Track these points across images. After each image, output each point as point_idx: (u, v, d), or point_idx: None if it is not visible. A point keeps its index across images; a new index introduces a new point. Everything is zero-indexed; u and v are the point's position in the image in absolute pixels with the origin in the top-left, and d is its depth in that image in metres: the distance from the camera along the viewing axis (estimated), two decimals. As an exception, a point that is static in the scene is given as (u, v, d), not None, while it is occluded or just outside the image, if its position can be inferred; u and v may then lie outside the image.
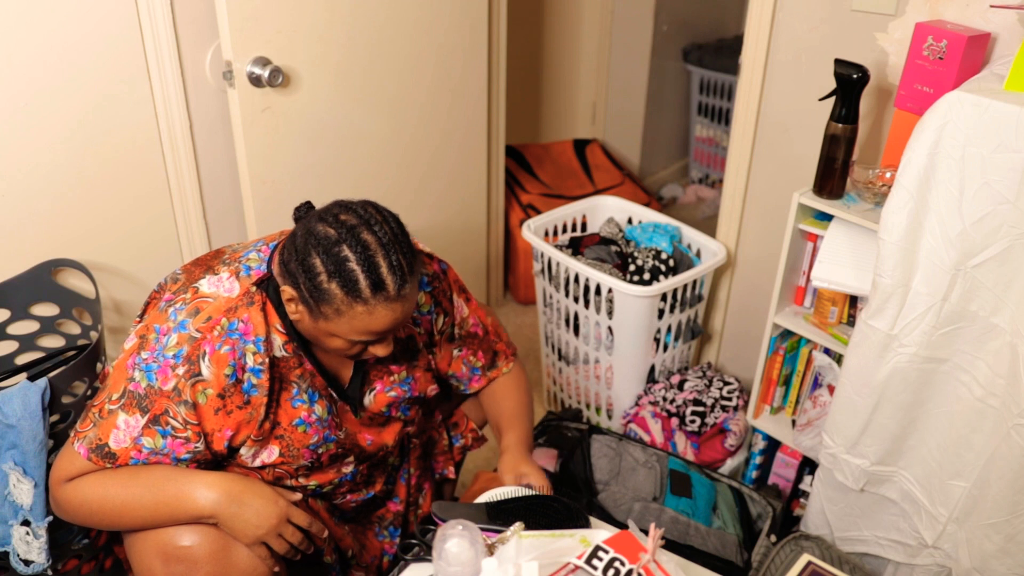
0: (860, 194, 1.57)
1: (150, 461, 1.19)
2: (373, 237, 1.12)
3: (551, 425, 1.83)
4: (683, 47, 3.49)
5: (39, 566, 1.38)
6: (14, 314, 1.63)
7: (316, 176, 1.95)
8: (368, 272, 1.10)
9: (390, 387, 1.38)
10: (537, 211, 2.70)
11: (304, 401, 1.27)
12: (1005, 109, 1.15)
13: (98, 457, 1.18)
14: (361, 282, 1.10)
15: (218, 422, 1.19)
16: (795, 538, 1.40)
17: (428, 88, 2.15)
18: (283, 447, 1.27)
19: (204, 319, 1.18)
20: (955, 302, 1.29)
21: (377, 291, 1.11)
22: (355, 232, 1.12)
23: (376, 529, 1.55)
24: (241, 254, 1.26)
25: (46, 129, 1.57)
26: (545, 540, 1.14)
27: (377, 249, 1.11)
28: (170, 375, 1.16)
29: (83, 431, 1.20)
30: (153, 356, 1.17)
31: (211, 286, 1.21)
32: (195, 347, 1.16)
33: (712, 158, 3.64)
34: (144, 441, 1.17)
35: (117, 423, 1.17)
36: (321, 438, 1.29)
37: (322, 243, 1.11)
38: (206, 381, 1.17)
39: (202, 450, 1.20)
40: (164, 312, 1.20)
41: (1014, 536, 1.31)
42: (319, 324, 1.16)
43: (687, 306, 2.05)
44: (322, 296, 1.12)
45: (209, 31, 1.71)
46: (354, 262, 1.10)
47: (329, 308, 1.12)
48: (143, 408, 1.17)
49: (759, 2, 1.80)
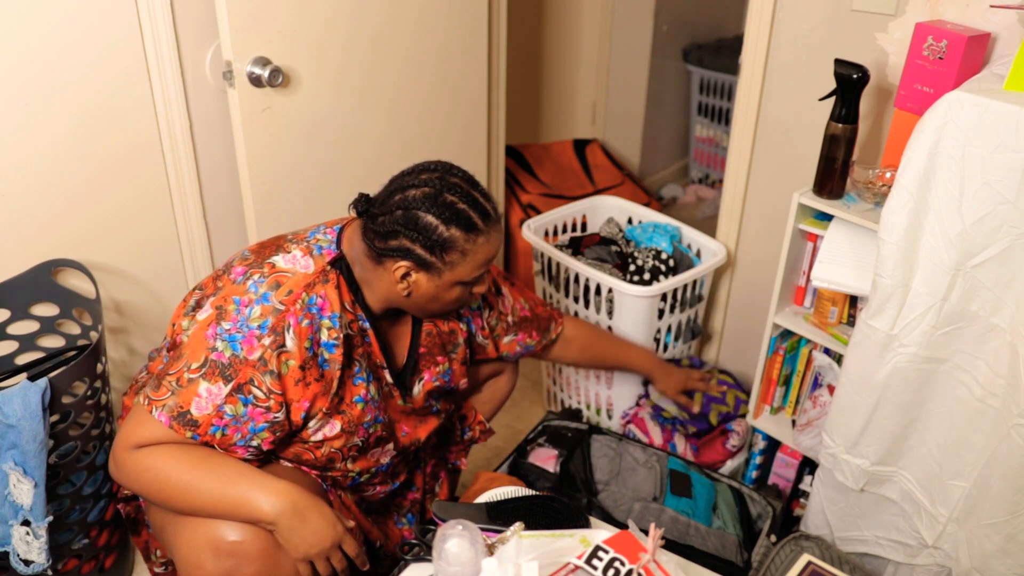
0: (860, 194, 1.57)
1: (228, 428, 1.20)
2: (457, 180, 1.25)
3: (551, 425, 1.83)
4: (683, 47, 3.49)
5: (39, 566, 1.38)
6: (14, 314, 1.63)
7: (316, 176, 1.95)
8: (475, 207, 1.23)
9: (435, 377, 1.45)
10: (537, 211, 2.70)
11: (363, 379, 1.31)
12: (1005, 109, 1.15)
13: (180, 424, 1.19)
14: (474, 216, 1.23)
15: (298, 393, 1.22)
16: (795, 538, 1.40)
17: (428, 88, 2.15)
18: (344, 422, 1.30)
19: (286, 292, 1.22)
20: (955, 302, 1.29)
21: (485, 219, 1.25)
22: (445, 180, 1.23)
23: (395, 517, 1.58)
24: (306, 235, 1.31)
25: (46, 129, 1.57)
26: (545, 540, 1.14)
27: (467, 188, 1.25)
28: (255, 345, 1.18)
29: (160, 399, 1.19)
30: (236, 326, 1.19)
31: (287, 263, 1.25)
32: (280, 319, 1.20)
33: (712, 158, 3.64)
34: (227, 408, 1.19)
35: (199, 391, 1.18)
36: (373, 417, 1.34)
37: (426, 202, 1.21)
38: (290, 352, 1.20)
39: (281, 420, 1.22)
40: (242, 284, 1.23)
41: (1014, 536, 1.31)
42: (443, 277, 1.26)
43: (687, 306, 2.05)
44: (446, 244, 1.22)
45: (209, 31, 1.71)
46: (461, 203, 1.22)
47: (455, 253, 1.23)
48: (227, 377, 1.18)
49: (759, 2, 1.80)
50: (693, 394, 1.93)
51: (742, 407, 1.95)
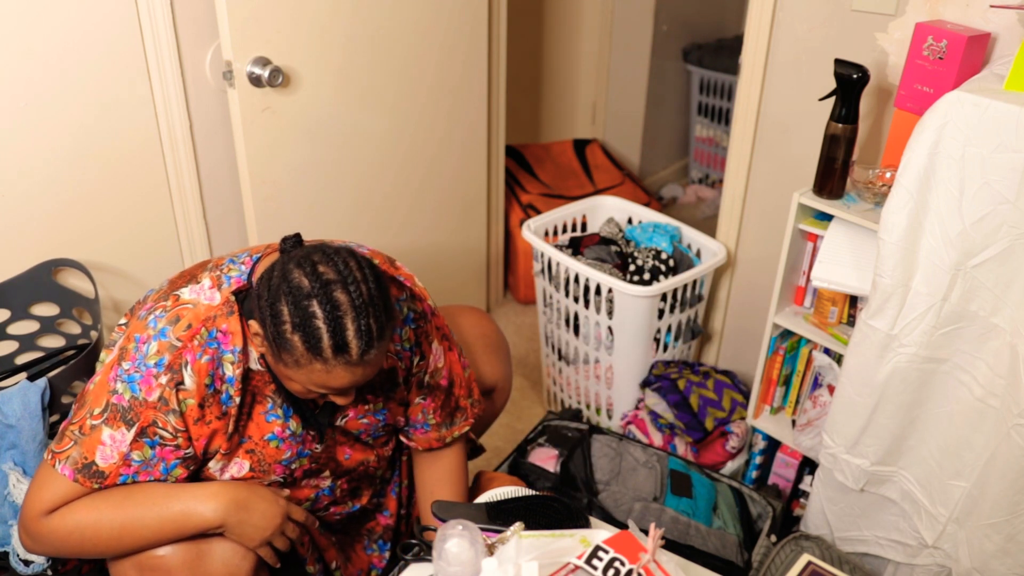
0: (860, 194, 1.57)
1: (140, 474, 1.16)
2: (346, 297, 1.07)
3: (551, 425, 1.83)
4: (683, 47, 3.49)
5: (39, 566, 1.37)
6: (14, 314, 1.63)
7: (316, 176, 1.95)
8: (333, 333, 1.06)
9: (363, 415, 1.35)
10: (537, 211, 2.70)
11: (278, 416, 1.24)
12: (1005, 109, 1.15)
13: (85, 477, 1.14)
14: (324, 341, 1.06)
15: (196, 431, 1.18)
16: (795, 538, 1.40)
17: (428, 88, 2.15)
18: (254, 462, 1.25)
19: (184, 327, 1.15)
20: (955, 302, 1.29)
21: (338, 353, 1.07)
22: (328, 289, 1.07)
23: (365, 542, 1.53)
24: (224, 261, 1.24)
25: (46, 129, 1.57)
26: (545, 540, 1.14)
27: (348, 311, 1.07)
28: (153, 384, 1.13)
29: (62, 451, 1.14)
30: (135, 366, 1.14)
31: (192, 293, 1.19)
32: (176, 356, 1.14)
33: (712, 158, 3.64)
34: (133, 455, 1.15)
35: (102, 438, 1.14)
36: (295, 453, 1.27)
37: (293, 292, 1.07)
38: (188, 391, 1.15)
39: (192, 454, 1.19)
40: (144, 320, 1.18)
41: (1014, 536, 1.31)
42: (279, 367, 1.13)
43: (687, 306, 2.05)
44: (284, 344, 1.08)
45: (209, 31, 1.71)
46: (321, 320, 1.06)
47: (289, 357, 1.09)
48: (128, 421, 1.14)
49: (759, 2, 1.80)
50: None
51: (739, 409, 1.95)
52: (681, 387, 1.96)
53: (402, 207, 2.23)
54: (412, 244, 2.30)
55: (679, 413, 1.93)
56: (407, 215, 2.26)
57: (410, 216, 2.27)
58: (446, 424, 1.44)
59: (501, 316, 2.81)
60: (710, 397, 1.96)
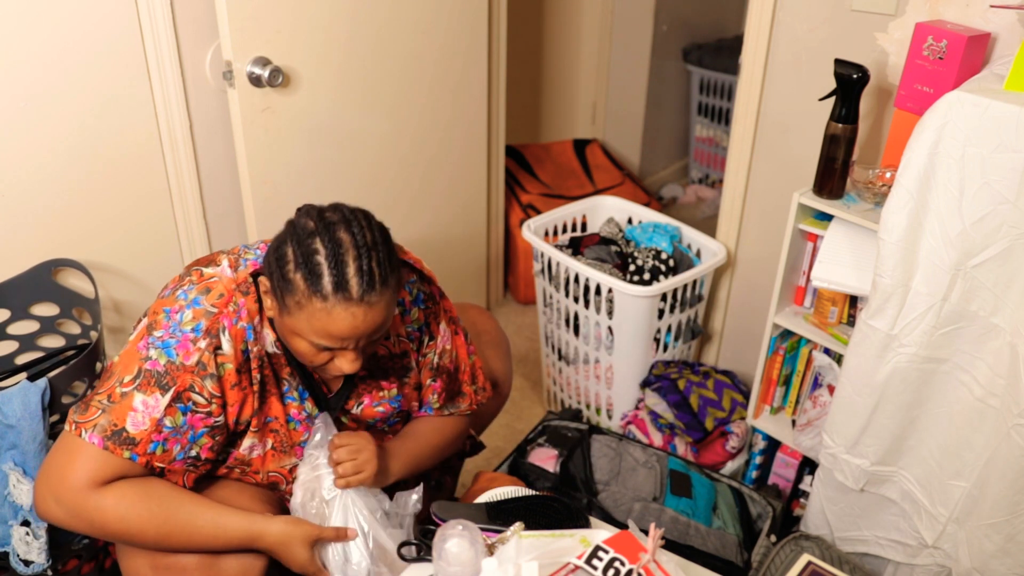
0: (860, 194, 1.57)
1: (168, 442, 1.15)
2: (349, 236, 1.09)
3: (551, 425, 1.83)
4: (683, 47, 3.49)
5: (39, 566, 1.38)
6: (14, 314, 1.63)
7: (316, 176, 1.95)
8: (333, 269, 1.07)
9: (379, 402, 1.35)
10: (537, 211, 2.70)
11: (294, 399, 1.26)
12: (1005, 109, 1.15)
13: (115, 444, 1.12)
14: (324, 277, 1.07)
15: (232, 397, 1.18)
16: (795, 538, 1.40)
17: (428, 88, 2.15)
18: (276, 441, 1.27)
19: (217, 295, 1.17)
20: (955, 302, 1.29)
21: (338, 290, 1.07)
22: (332, 228, 1.09)
23: None
24: (238, 249, 1.26)
25: (46, 129, 1.57)
26: (545, 540, 1.14)
27: (349, 248, 1.08)
28: (191, 349, 1.13)
29: (88, 420, 1.12)
30: (169, 332, 1.14)
31: (213, 271, 1.20)
32: (214, 320, 1.15)
33: (712, 158, 3.64)
34: (166, 420, 1.13)
35: (134, 404, 1.12)
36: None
37: (299, 233, 1.10)
38: (226, 355, 1.15)
39: (221, 424, 1.18)
40: (171, 296, 1.18)
41: (1014, 536, 1.31)
42: (284, 320, 1.13)
43: (687, 306, 2.05)
44: (287, 285, 1.09)
45: (209, 31, 1.71)
46: (322, 255, 1.07)
47: (292, 299, 1.09)
48: (163, 386, 1.13)
49: (759, 2, 1.80)
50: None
51: (739, 409, 1.95)
52: (681, 387, 1.96)
53: (402, 206, 2.23)
54: (412, 243, 2.29)
55: (679, 413, 1.93)
56: (407, 214, 2.26)
57: (410, 215, 2.27)
58: (447, 407, 1.46)
59: (501, 316, 2.81)
60: (710, 397, 1.96)
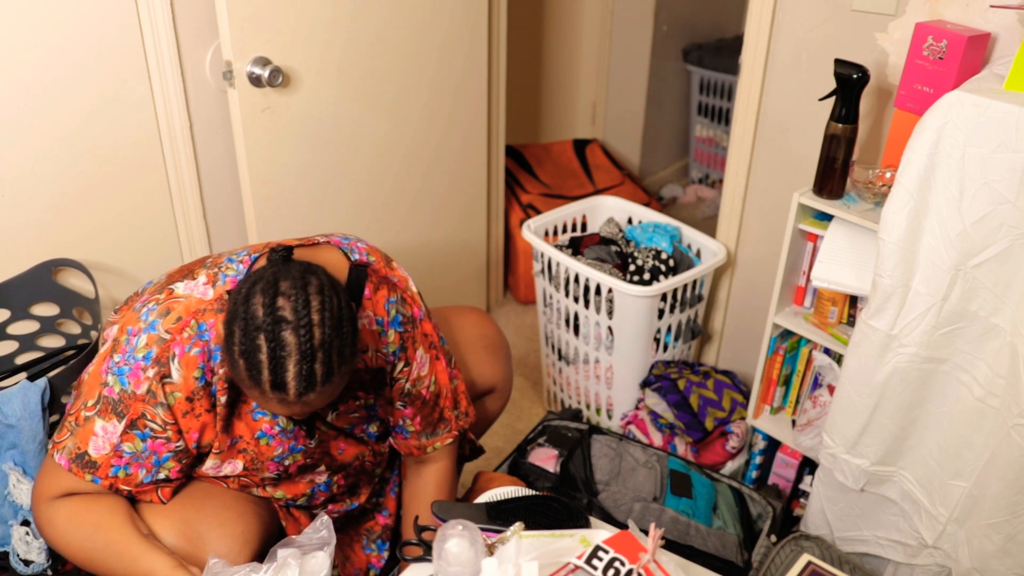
0: (860, 194, 1.57)
1: (131, 466, 1.18)
2: (295, 339, 1.04)
3: (551, 425, 1.83)
4: (683, 47, 3.49)
5: (39, 566, 1.38)
6: (14, 314, 1.63)
7: (316, 176, 1.95)
8: (273, 370, 1.05)
9: (354, 409, 1.34)
10: (537, 211, 2.70)
11: (265, 413, 1.24)
12: (1005, 109, 1.15)
13: (79, 467, 1.16)
14: (263, 375, 1.05)
15: (185, 424, 1.18)
16: (795, 538, 1.40)
17: (428, 88, 2.15)
18: (247, 460, 1.26)
19: (174, 320, 1.16)
20: (955, 302, 1.29)
21: (275, 389, 1.06)
22: (278, 327, 1.04)
23: (364, 542, 1.53)
24: (223, 260, 1.24)
25: (46, 129, 1.57)
26: (545, 540, 1.14)
27: (292, 353, 1.04)
28: (141, 378, 1.15)
29: (61, 441, 1.18)
30: (124, 359, 1.16)
31: (186, 288, 1.19)
32: (164, 349, 1.15)
33: (712, 158, 3.64)
34: (124, 447, 1.16)
35: (95, 430, 1.16)
36: (287, 449, 1.27)
37: (247, 320, 1.05)
38: (175, 384, 1.15)
39: (184, 448, 1.19)
40: (137, 313, 1.19)
41: (1014, 536, 1.31)
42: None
43: (687, 306, 2.05)
44: (231, 362, 1.08)
45: (209, 31, 1.71)
46: (263, 354, 1.04)
47: (235, 374, 1.09)
48: (118, 413, 1.15)
49: (759, 2, 1.80)
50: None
51: (739, 409, 1.95)
52: (681, 387, 1.96)
53: (402, 207, 2.23)
54: (412, 244, 2.30)
55: (679, 413, 1.93)
56: (407, 215, 2.26)
57: (410, 216, 2.27)
58: (427, 434, 1.42)
59: (501, 316, 2.81)
60: (710, 397, 1.96)
